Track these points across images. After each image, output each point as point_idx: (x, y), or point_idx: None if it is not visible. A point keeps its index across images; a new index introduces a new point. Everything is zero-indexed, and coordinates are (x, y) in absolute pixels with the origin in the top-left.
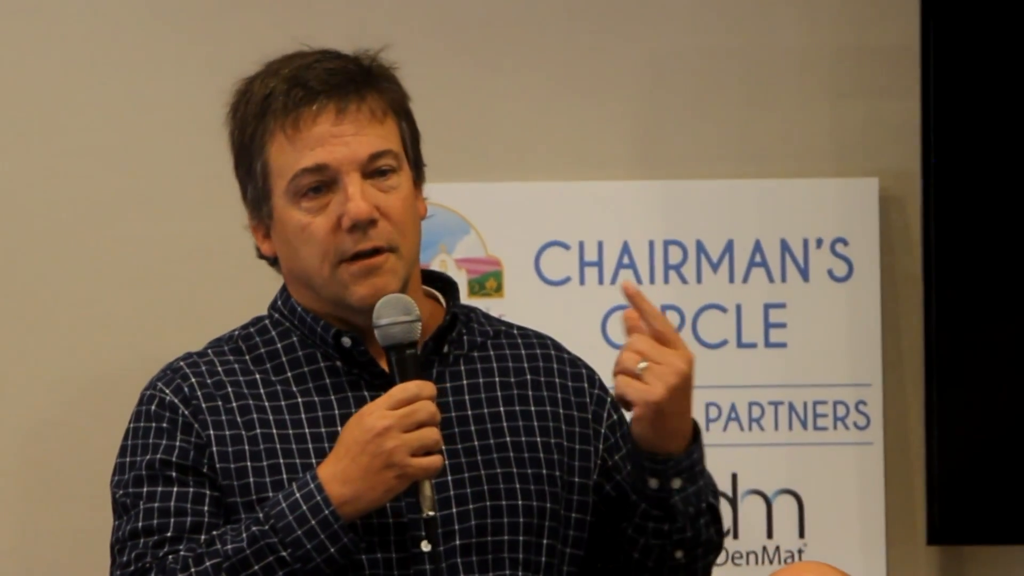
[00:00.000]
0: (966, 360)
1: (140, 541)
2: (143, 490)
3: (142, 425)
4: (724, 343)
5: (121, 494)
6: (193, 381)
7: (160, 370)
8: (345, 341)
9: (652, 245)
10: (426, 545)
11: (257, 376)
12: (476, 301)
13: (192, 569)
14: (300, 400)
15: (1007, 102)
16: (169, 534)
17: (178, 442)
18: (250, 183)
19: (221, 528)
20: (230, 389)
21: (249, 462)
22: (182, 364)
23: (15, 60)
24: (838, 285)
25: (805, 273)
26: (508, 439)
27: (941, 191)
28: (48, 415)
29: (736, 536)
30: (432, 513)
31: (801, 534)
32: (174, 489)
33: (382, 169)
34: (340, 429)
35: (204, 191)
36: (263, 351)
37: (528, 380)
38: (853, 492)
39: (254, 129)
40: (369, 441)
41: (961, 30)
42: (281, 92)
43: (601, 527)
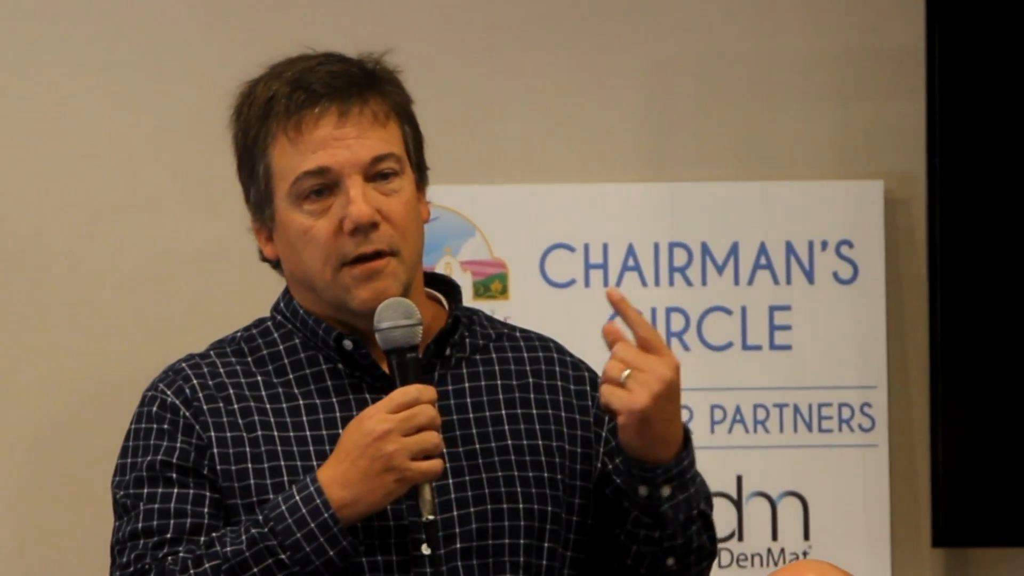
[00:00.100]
0: (971, 362)
1: (140, 542)
2: (143, 491)
3: (143, 426)
4: (729, 345)
5: (121, 495)
6: (195, 382)
7: (162, 371)
8: (347, 344)
9: (657, 247)
10: (426, 548)
11: (259, 378)
12: (481, 303)
13: (191, 571)
14: (301, 402)
15: (1012, 104)
16: (169, 535)
17: (179, 443)
18: (253, 186)
19: (221, 530)
20: (231, 391)
21: (250, 464)
22: (184, 365)
23: (20, 63)
24: (843, 287)
25: (810, 275)
26: (509, 442)
27: (946, 193)
28: (52, 417)
29: (741, 538)
30: (432, 517)
31: (806, 536)
32: (174, 490)
33: (384, 172)
34: (341, 431)
35: (208, 194)
36: (265, 353)
37: (530, 383)
38: (858, 494)
39: (257, 132)
40: (369, 445)
41: (966, 32)
42: (284, 95)
43: (600, 530)
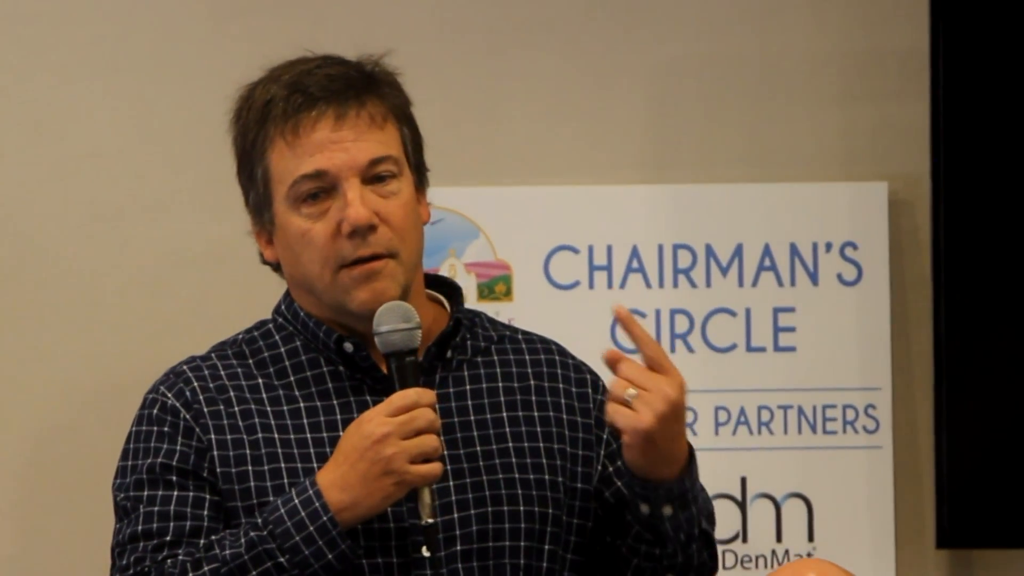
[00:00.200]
0: (975, 364)
1: (140, 545)
2: (143, 494)
3: (144, 429)
4: (733, 347)
5: (122, 497)
6: (195, 385)
7: (163, 374)
8: (347, 346)
9: (661, 249)
10: (426, 551)
11: (260, 380)
12: (485, 305)
13: (190, 574)
14: (302, 404)
15: (1016, 106)
16: (168, 538)
17: (179, 446)
18: (252, 189)
19: (221, 532)
20: (232, 393)
21: (250, 466)
22: (185, 368)
23: (24, 65)
24: (847, 289)
25: (814, 277)
26: (510, 444)
27: (950, 195)
28: (55, 418)
29: (745, 540)
30: (431, 520)
31: (810, 538)
32: (174, 493)
33: (382, 175)
34: (342, 433)
35: (212, 195)
36: (266, 355)
37: (532, 385)
38: (862, 496)
39: (255, 135)
40: (368, 448)
41: (970, 34)
42: (281, 98)
43: (600, 533)
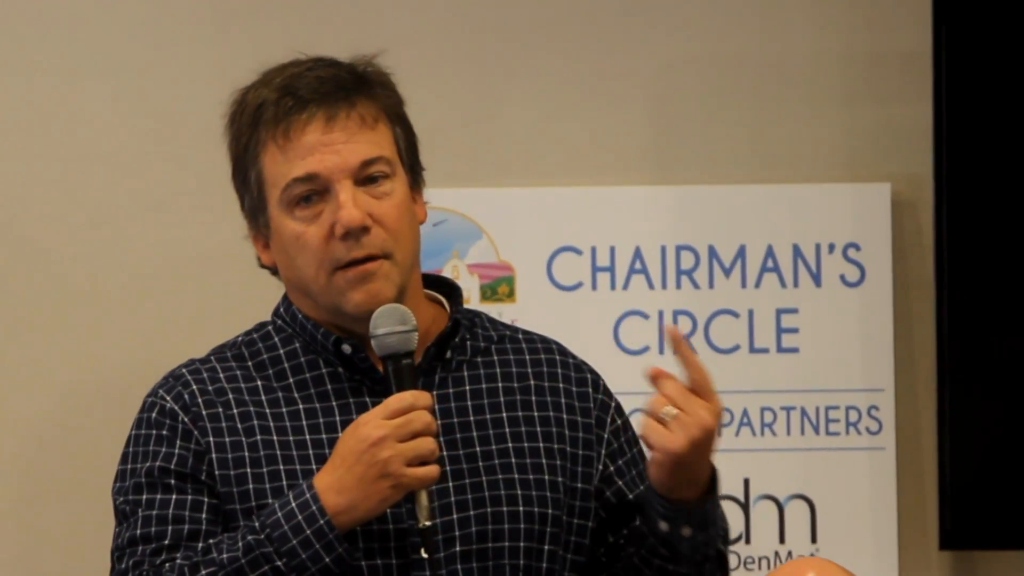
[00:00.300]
0: (978, 365)
1: (138, 549)
2: (142, 497)
3: (143, 432)
4: (736, 348)
5: (121, 501)
6: (194, 388)
7: (162, 377)
8: (345, 348)
9: (664, 250)
10: (424, 553)
11: (259, 382)
12: (488, 306)
13: None
14: (301, 406)
15: (1019, 107)
16: (167, 542)
17: (177, 449)
18: (246, 193)
19: (220, 535)
20: (231, 396)
21: (249, 469)
22: (184, 371)
23: (24, 66)
24: (850, 290)
25: (817, 278)
26: (510, 445)
27: (953, 196)
28: (58, 419)
29: (748, 541)
30: (428, 523)
31: (813, 539)
32: (173, 497)
33: (374, 175)
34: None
35: (214, 196)
36: (265, 357)
37: (532, 385)
38: (865, 497)
39: (247, 139)
40: (364, 451)
41: (973, 35)
42: (272, 102)
43: (601, 533)
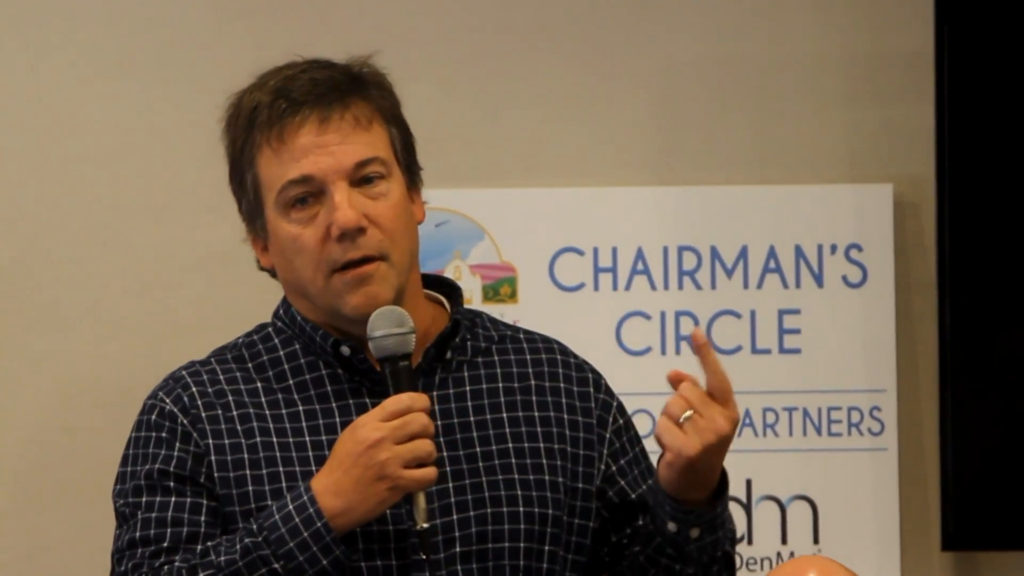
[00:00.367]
0: (980, 366)
1: (137, 551)
2: (142, 500)
3: (143, 435)
4: (738, 349)
5: (121, 503)
6: (194, 390)
7: (162, 379)
8: (344, 349)
9: (666, 251)
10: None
11: (259, 384)
12: (490, 307)
13: None
14: (301, 408)
15: (1021, 108)
16: (165, 544)
17: (176, 452)
18: (243, 197)
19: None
20: (231, 398)
21: (248, 470)
22: (184, 373)
23: (26, 68)
24: (852, 291)
25: (819, 279)
26: (510, 445)
27: (956, 197)
28: (60, 421)
29: (751, 542)
30: (426, 525)
31: (815, 540)
32: (172, 499)
33: (369, 176)
34: None
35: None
36: (265, 359)
37: (532, 385)
38: (868, 498)
39: (243, 142)
40: (361, 453)
41: (975, 35)
42: (266, 105)
43: (604, 533)
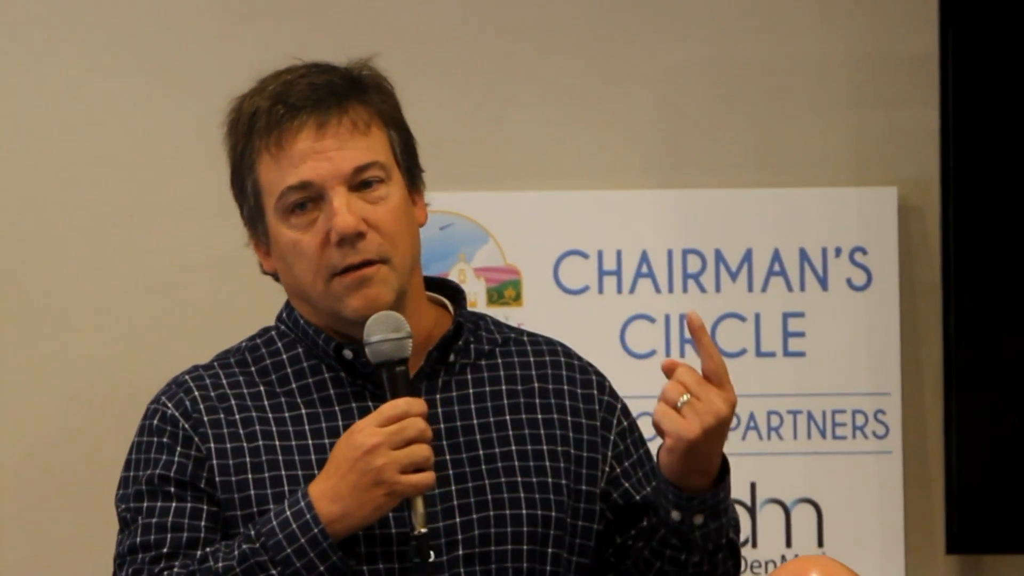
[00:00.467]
0: (985, 369)
1: (138, 557)
2: (143, 505)
3: (144, 439)
4: (743, 352)
5: (123, 508)
6: (196, 394)
7: (166, 384)
8: (347, 353)
9: (671, 254)
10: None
11: (261, 388)
12: (495, 310)
13: None
14: (304, 411)
15: None
16: (165, 550)
17: (177, 457)
18: (244, 202)
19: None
20: (233, 401)
21: (250, 474)
22: (187, 377)
23: (32, 70)
24: (857, 294)
25: (824, 282)
26: (513, 448)
27: (960, 200)
28: (63, 423)
29: (755, 545)
30: (424, 530)
31: (820, 543)
32: (172, 504)
33: (368, 180)
34: None
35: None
36: (268, 362)
37: (536, 388)
38: (872, 501)
39: (243, 148)
40: (358, 459)
41: (980, 38)
42: (264, 110)
43: (608, 535)
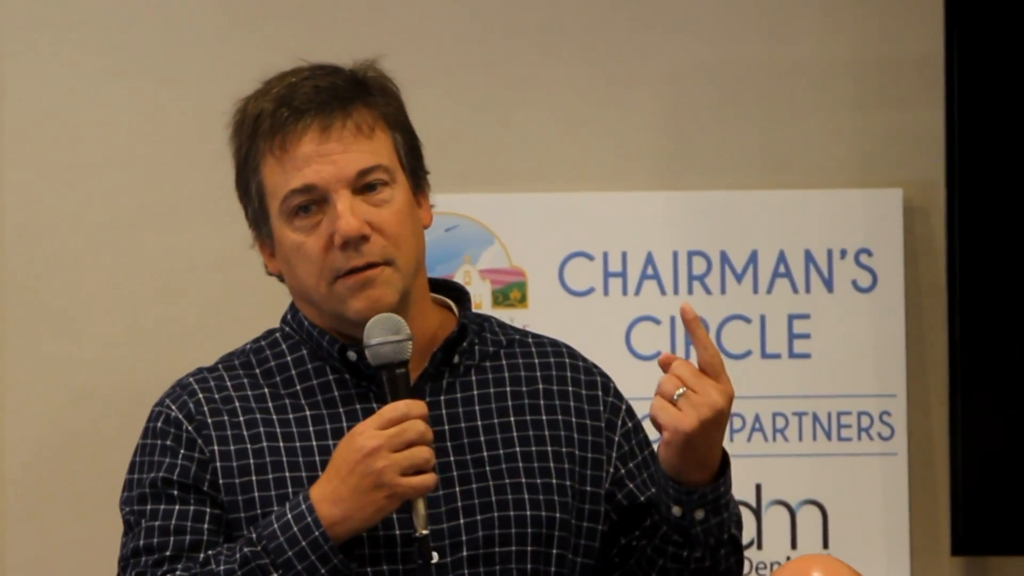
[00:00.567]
0: (990, 370)
1: (141, 559)
2: (146, 508)
3: (148, 442)
4: (748, 354)
5: (127, 511)
6: (200, 397)
7: (170, 387)
8: (351, 355)
9: (676, 256)
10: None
11: (266, 390)
12: (500, 312)
13: None
14: (308, 413)
15: None
16: (168, 553)
17: (180, 459)
18: (249, 204)
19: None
20: (238, 404)
21: (254, 476)
22: (191, 380)
23: (40, 73)
24: (862, 296)
25: (829, 284)
26: (518, 449)
27: (965, 201)
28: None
29: (760, 546)
30: (425, 532)
31: (825, 544)
32: (175, 507)
33: (372, 183)
34: None
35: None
36: (273, 364)
37: (540, 389)
38: (877, 503)
39: (247, 151)
40: (359, 461)
41: (985, 40)
42: (268, 113)
43: (613, 536)
